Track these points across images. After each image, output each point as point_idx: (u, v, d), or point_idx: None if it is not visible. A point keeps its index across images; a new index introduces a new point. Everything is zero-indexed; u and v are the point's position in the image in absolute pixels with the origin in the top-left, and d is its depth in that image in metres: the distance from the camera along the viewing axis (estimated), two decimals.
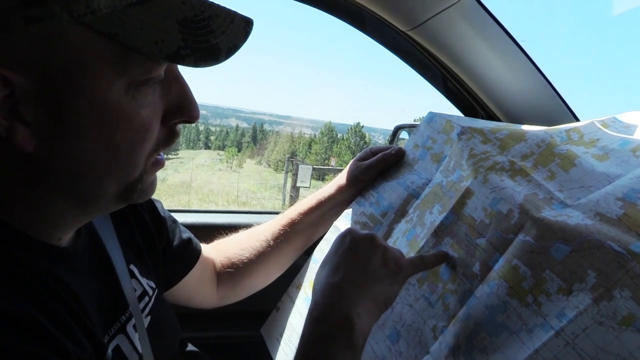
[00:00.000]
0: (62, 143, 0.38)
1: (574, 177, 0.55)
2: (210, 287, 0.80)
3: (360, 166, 0.82)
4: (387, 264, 0.53)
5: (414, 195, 0.73)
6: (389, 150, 0.81)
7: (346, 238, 0.55)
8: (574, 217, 0.48)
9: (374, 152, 0.84)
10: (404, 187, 0.75)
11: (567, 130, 0.64)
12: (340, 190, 0.82)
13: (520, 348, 0.45)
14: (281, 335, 0.81)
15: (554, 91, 1.02)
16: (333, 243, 0.57)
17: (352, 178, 0.82)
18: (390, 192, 0.77)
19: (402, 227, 0.70)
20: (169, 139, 0.45)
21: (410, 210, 0.71)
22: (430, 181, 0.71)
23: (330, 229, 0.82)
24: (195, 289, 0.77)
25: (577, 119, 1.05)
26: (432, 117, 0.80)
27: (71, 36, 0.35)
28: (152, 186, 0.47)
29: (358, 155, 0.85)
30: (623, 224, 0.45)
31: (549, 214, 0.50)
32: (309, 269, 0.83)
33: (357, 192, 0.82)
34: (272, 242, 0.81)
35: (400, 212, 0.73)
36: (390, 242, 0.69)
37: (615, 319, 0.41)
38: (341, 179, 0.83)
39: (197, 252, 0.76)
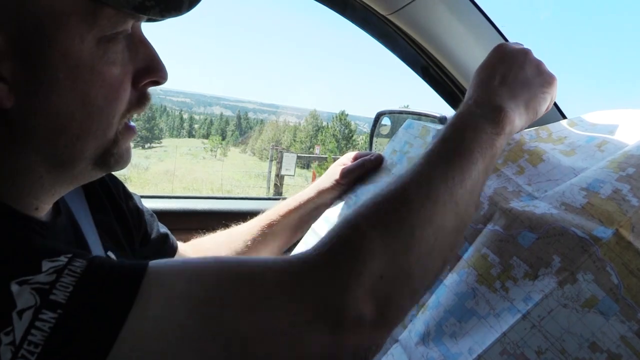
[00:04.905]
0: (39, 98, 0.39)
1: (541, 171, 0.56)
2: None
3: (341, 171, 0.83)
4: (541, 74, 0.56)
5: None
6: (368, 156, 0.84)
7: (499, 50, 0.57)
8: (540, 208, 0.50)
9: (354, 158, 0.86)
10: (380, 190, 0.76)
11: (537, 129, 0.66)
12: (320, 193, 0.84)
13: (488, 332, 0.46)
14: None
15: None
16: (486, 57, 0.58)
17: (332, 182, 0.83)
18: (367, 194, 0.78)
19: None
20: (140, 102, 0.46)
21: None
22: None
23: (309, 231, 0.83)
24: None
25: None
26: (410, 124, 0.82)
27: None
28: (127, 153, 0.48)
29: (338, 160, 0.87)
30: (586, 211, 0.47)
31: (517, 204, 0.52)
32: None
33: (336, 195, 0.84)
34: (249, 243, 0.82)
35: None
36: None
37: (578, 301, 0.42)
38: (321, 182, 0.85)
39: (174, 249, 0.76)
